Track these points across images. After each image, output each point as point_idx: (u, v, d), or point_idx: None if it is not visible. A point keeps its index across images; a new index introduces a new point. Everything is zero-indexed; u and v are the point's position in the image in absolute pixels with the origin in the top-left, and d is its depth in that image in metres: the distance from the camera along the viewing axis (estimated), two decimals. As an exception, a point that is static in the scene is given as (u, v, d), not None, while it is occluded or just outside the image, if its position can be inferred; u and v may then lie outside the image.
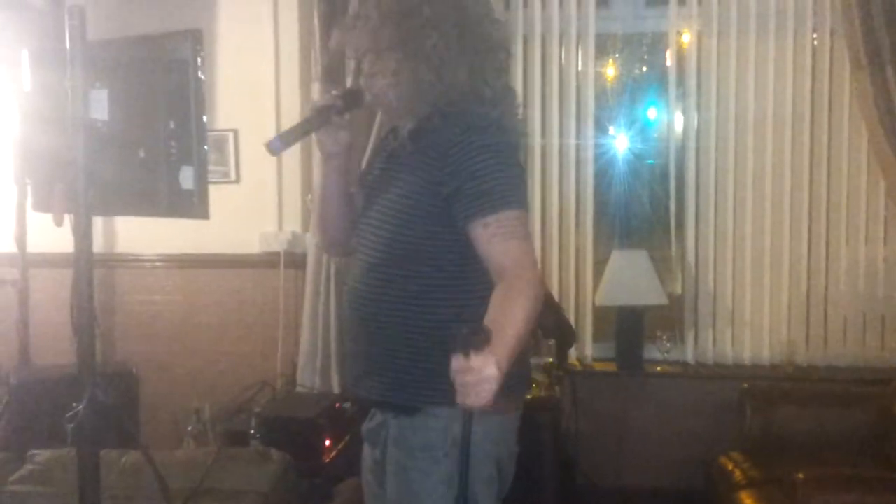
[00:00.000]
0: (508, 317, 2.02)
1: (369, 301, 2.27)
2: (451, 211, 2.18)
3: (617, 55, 4.89)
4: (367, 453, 2.43)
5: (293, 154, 4.58)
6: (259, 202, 4.63)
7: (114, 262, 4.66)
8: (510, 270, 2.11)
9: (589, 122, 4.57)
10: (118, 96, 2.16)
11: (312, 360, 4.50)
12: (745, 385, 4.31)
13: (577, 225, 4.61)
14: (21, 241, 4.40)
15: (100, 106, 2.15)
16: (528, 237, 2.20)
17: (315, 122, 2.29)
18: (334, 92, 2.37)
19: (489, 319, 2.01)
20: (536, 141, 4.56)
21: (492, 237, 2.13)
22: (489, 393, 1.86)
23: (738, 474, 3.92)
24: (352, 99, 2.32)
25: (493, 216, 2.13)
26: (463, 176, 2.15)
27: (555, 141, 4.56)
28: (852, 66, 4.24)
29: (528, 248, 2.17)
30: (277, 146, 2.21)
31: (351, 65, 2.32)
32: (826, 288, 4.51)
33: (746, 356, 4.56)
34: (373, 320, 2.27)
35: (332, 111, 2.29)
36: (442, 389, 1.98)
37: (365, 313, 2.29)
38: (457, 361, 1.86)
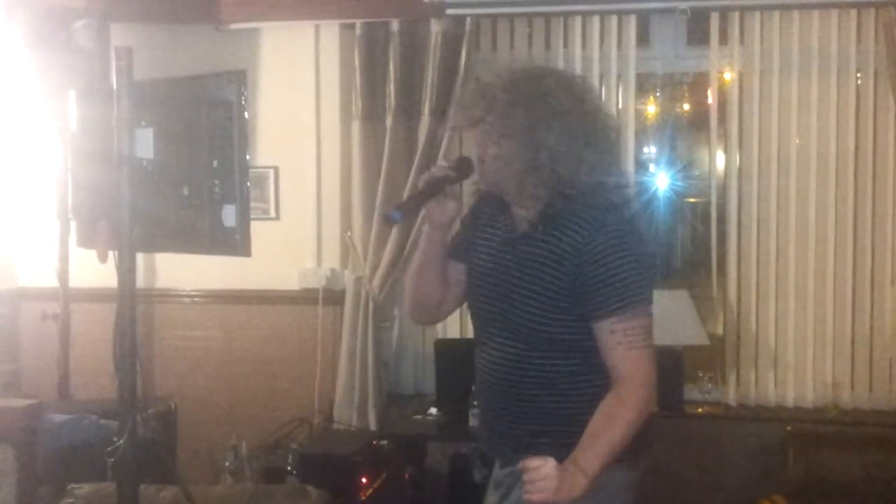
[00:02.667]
0: (608, 428, 2.21)
1: (512, 382, 2.38)
2: (582, 305, 2.27)
3: (658, 94, 4.87)
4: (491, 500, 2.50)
5: (332, 191, 4.61)
6: (298, 239, 4.65)
7: (154, 297, 4.68)
8: (626, 380, 2.24)
9: (629, 161, 4.55)
10: (163, 135, 2.19)
11: (350, 396, 4.50)
12: (788, 428, 4.24)
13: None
14: (63, 275, 4.44)
15: (145, 144, 2.18)
16: (651, 345, 2.29)
17: (430, 192, 2.36)
18: (445, 163, 2.47)
19: (592, 424, 2.22)
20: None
21: (617, 344, 2.25)
22: (547, 490, 2.10)
23: (780, 519, 3.86)
24: (464, 169, 2.39)
25: (620, 323, 2.24)
26: (595, 278, 2.24)
27: (595, 179, 4.54)
28: (897, 106, 4.21)
29: (649, 359, 2.28)
30: (398, 217, 2.37)
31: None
32: (871, 330, 4.44)
33: (789, 398, 4.49)
34: (515, 399, 2.38)
35: (446, 182, 2.36)
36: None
37: (507, 391, 2.39)
38: (522, 461, 2.14)
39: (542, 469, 2.11)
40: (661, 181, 4.86)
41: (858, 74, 4.39)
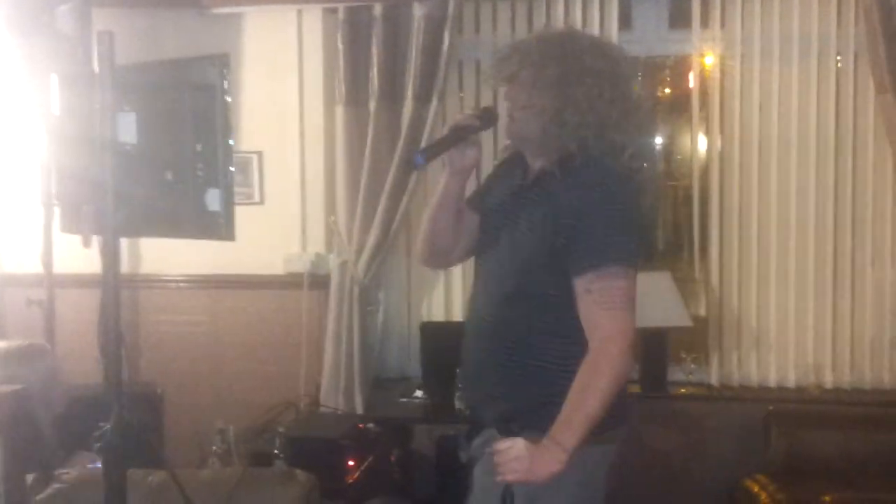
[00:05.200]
0: (584, 399, 2.19)
1: (495, 334, 2.38)
2: (566, 259, 2.27)
3: (639, 77, 4.88)
4: (478, 474, 2.48)
5: (316, 175, 4.61)
6: (283, 224, 4.65)
7: (139, 282, 4.68)
8: (601, 341, 2.22)
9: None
10: (146, 119, 2.18)
11: (336, 380, 4.51)
12: (771, 407, 4.29)
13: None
14: (47, 261, 4.43)
15: (128, 129, 2.18)
16: (630, 307, 2.26)
17: (454, 139, 2.43)
18: (470, 112, 2.51)
19: (569, 395, 2.20)
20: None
21: (593, 304, 2.24)
22: (520, 471, 2.14)
23: (763, 497, 3.90)
24: (488, 119, 2.46)
25: (597, 282, 2.23)
26: (579, 232, 2.25)
27: (578, 162, 4.55)
28: (877, 89, 4.22)
29: (626, 320, 2.25)
30: (421, 161, 2.42)
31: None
32: (852, 310, 4.47)
33: (772, 378, 4.52)
34: (494, 349, 2.39)
35: (470, 130, 2.43)
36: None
37: (488, 341, 2.41)
38: (493, 442, 2.19)
39: (510, 450, 2.14)
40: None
41: (839, 58, 4.41)
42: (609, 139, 2.31)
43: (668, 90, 5.23)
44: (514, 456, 2.13)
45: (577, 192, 2.27)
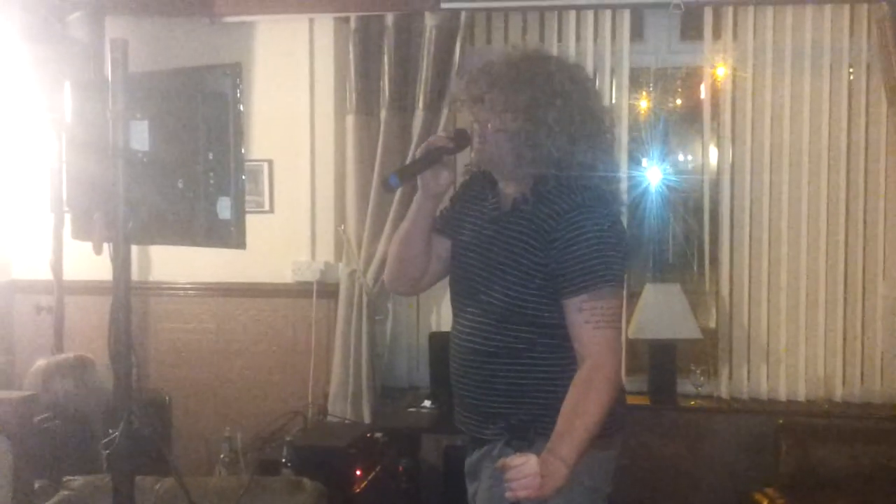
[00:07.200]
0: (581, 414, 2.23)
1: (480, 353, 2.42)
2: (554, 282, 2.32)
3: (651, 88, 4.87)
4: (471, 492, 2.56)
5: (326, 184, 4.62)
6: (292, 232, 4.65)
7: (148, 289, 4.69)
8: (593, 358, 2.27)
9: (622, 155, 4.56)
10: (158, 127, 2.19)
11: (344, 389, 4.51)
12: (781, 421, 4.27)
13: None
14: (57, 268, 4.44)
15: (140, 137, 2.18)
16: (618, 326, 2.34)
17: (428, 160, 2.43)
18: (443, 133, 2.54)
19: (564, 411, 2.23)
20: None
21: (584, 323, 2.29)
22: (532, 487, 2.12)
23: (772, 511, 3.88)
24: (461, 141, 2.46)
25: (588, 302, 2.28)
26: (568, 256, 2.29)
27: (588, 173, 4.55)
28: (889, 101, 4.21)
29: (616, 338, 2.33)
30: (395, 183, 2.42)
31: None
32: (862, 324, 4.46)
33: (781, 391, 4.50)
34: (481, 371, 2.42)
35: (443, 152, 2.43)
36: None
37: (475, 363, 2.43)
38: (502, 459, 2.18)
39: (523, 467, 2.13)
40: (654, 175, 4.86)
41: (851, 70, 4.41)
42: (580, 160, 2.35)
43: (679, 101, 5.21)
44: (527, 472, 2.12)
45: (562, 217, 2.31)
